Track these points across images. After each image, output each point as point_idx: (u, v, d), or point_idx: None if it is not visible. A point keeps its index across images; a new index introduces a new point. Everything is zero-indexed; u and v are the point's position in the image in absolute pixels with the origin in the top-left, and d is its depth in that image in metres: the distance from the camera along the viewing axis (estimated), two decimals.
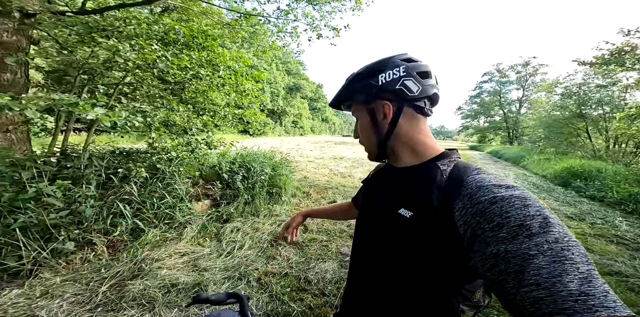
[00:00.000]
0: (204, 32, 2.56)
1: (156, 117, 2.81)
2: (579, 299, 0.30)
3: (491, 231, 0.39)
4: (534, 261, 0.34)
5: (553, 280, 0.32)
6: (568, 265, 0.33)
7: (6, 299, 1.59)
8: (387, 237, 0.54)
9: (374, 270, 0.57)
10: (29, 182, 2.09)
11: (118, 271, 1.92)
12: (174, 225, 2.61)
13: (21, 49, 2.71)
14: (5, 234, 1.84)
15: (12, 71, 2.65)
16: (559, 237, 0.35)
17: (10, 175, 2.08)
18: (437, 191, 0.49)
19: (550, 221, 0.37)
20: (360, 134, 0.66)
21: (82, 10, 2.54)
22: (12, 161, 2.18)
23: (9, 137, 2.66)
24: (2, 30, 2.59)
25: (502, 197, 0.41)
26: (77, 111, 2.10)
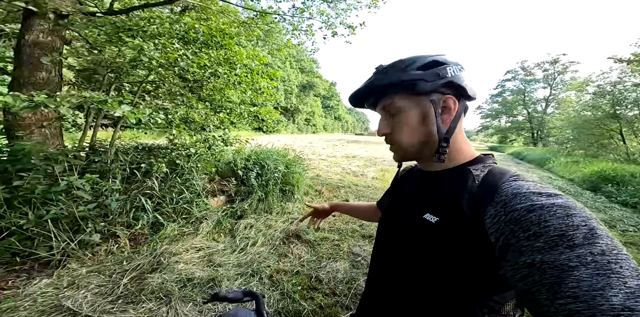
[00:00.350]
0: (221, 30, 2.61)
1: (177, 114, 2.91)
2: (622, 314, 0.28)
3: (527, 240, 0.37)
4: (573, 273, 0.32)
5: (594, 293, 0.30)
6: (614, 279, 0.30)
7: (36, 288, 1.69)
8: (410, 243, 0.54)
9: (395, 275, 0.56)
10: (61, 175, 2.21)
11: (139, 263, 2.00)
12: (191, 220, 2.69)
13: (55, 49, 2.88)
14: (38, 225, 1.95)
15: (47, 70, 2.81)
16: (606, 249, 0.33)
17: (44, 168, 2.19)
18: (468, 196, 0.47)
19: (597, 232, 0.34)
20: (399, 129, 0.56)
21: (110, 11, 2.66)
22: (45, 155, 2.32)
23: (44, 133, 2.83)
24: (39, 31, 2.75)
25: (541, 206, 0.38)
26: (106, 108, 2.21)
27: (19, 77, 2.66)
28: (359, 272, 2.15)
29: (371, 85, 0.57)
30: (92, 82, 3.67)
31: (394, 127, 0.57)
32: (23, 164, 2.16)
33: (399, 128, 0.56)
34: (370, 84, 0.57)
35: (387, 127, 0.59)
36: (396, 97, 0.56)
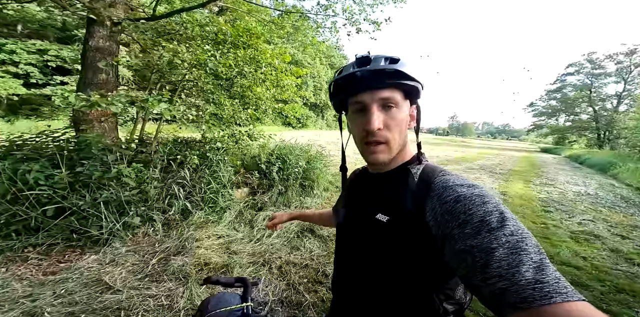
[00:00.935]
0: (248, 30, 2.75)
1: (207, 111, 3.15)
2: (536, 287, 0.33)
3: (458, 228, 0.42)
4: (495, 254, 0.37)
5: (512, 271, 0.35)
6: (524, 255, 0.36)
7: (85, 263, 1.98)
8: (367, 242, 0.57)
9: (357, 274, 0.60)
10: (113, 163, 2.51)
11: (167, 246, 2.24)
12: (216, 209, 2.92)
13: (112, 53, 3.28)
14: (92, 207, 2.26)
15: (106, 72, 3.22)
16: (514, 230, 0.39)
17: (100, 157, 2.52)
18: (410, 194, 0.52)
19: (506, 215, 0.41)
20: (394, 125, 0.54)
21: (152, 17, 2.93)
22: (103, 145, 2.67)
23: (103, 126, 3.28)
24: (99, 37, 3.15)
25: (464, 196, 0.44)
26: (147, 106, 2.49)
27: (85, 78, 3.10)
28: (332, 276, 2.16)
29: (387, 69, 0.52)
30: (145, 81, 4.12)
31: (387, 123, 0.54)
32: (85, 153, 2.52)
33: (393, 125, 0.54)
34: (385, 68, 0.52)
35: (382, 122, 0.53)
36: (396, 92, 0.54)
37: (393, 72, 0.52)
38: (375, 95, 0.53)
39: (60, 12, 9.00)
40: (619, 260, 2.73)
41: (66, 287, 1.72)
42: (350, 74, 0.54)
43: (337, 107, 0.63)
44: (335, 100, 0.61)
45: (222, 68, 2.77)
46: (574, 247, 2.99)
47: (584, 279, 2.30)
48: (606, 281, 2.26)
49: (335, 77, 0.58)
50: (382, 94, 0.53)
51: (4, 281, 1.73)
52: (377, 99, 0.53)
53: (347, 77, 0.55)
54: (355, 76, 0.53)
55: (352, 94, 0.55)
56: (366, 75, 0.52)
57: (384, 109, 0.54)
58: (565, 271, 2.42)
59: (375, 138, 0.54)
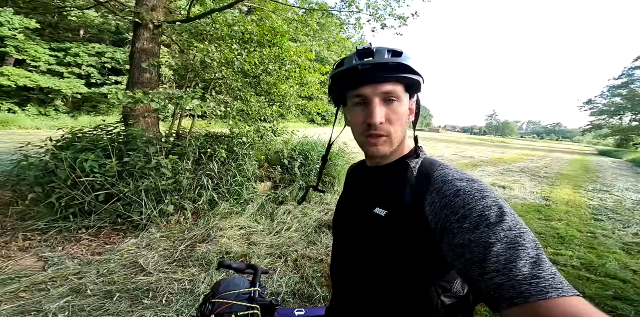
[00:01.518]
0: (273, 29, 2.82)
1: (234, 107, 3.31)
2: (532, 282, 0.33)
3: (457, 222, 0.42)
4: (493, 249, 0.37)
5: (510, 266, 0.35)
6: (521, 250, 0.36)
7: (125, 246, 2.19)
8: (365, 236, 0.57)
9: (355, 267, 0.60)
10: (153, 155, 2.73)
11: (194, 234, 2.41)
12: (240, 201, 3.07)
13: (155, 54, 3.57)
14: (135, 194, 2.50)
15: (150, 72, 3.52)
16: (512, 224, 0.39)
17: (143, 149, 2.75)
18: (409, 188, 0.52)
19: (504, 210, 0.41)
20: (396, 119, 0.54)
21: (186, 19, 3.13)
22: (146, 138, 2.94)
23: (146, 121, 3.61)
24: (143, 39, 3.45)
25: (464, 190, 0.44)
26: (182, 103, 2.69)
27: (132, 78, 3.44)
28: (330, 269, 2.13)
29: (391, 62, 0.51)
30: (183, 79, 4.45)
31: (389, 117, 0.54)
32: (131, 145, 2.78)
33: (395, 118, 0.54)
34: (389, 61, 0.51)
35: (384, 115, 0.53)
36: (398, 86, 0.53)
37: (396, 65, 0.51)
38: (378, 89, 0.52)
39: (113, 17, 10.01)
40: None
41: (108, 267, 1.92)
42: (353, 67, 0.52)
43: (336, 100, 0.62)
44: (334, 93, 0.60)
45: (248, 66, 2.88)
46: (624, 259, 2.68)
47: (631, 292, 2.07)
48: None
49: (335, 70, 0.57)
50: (385, 88, 0.52)
51: (60, 258, 1.98)
52: (379, 93, 0.52)
53: (348, 70, 0.54)
54: (357, 69, 0.52)
55: (353, 87, 0.54)
56: (369, 68, 0.52)
57: (385, 103, 0.53)
58: (608, 284, 2.19)
59: (377, 131, 0.53)
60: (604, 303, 1.93)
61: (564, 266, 2.46)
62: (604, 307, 1.89)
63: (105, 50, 12.76)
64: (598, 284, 2.19)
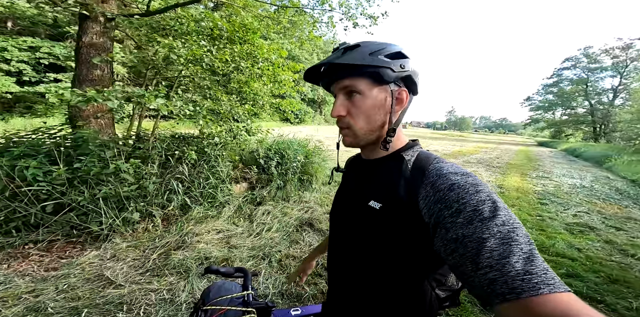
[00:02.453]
0: (244, 26, 2.72)
1: (204, 106, 3.13)
2: (525, 278, 0.33)
3: (451, 217, 0.41)
4: (486, 244, 0.37)
5: (503, 261, 0.35)
6: (514, 246, 0.36)
7: (86, 259, 1.99)
8: (359, 229, 0.57)
9: (351, 261, 0.60)
10: (111, 160, 2.50)
11: (167, 241, 2.25)
12: (215, 204, 2.93)
13: (107, 49, 3.24)
14: (92, 202, 2.26)
15: (101, 68, 3.19)
16: (506, 220, 0.39)
17: (98, 153, 2.50)
18: (403, 181, 0.51)
19: (498, 205, 0.41)
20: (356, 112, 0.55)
21: (147, 12, 2.89)
22: (100, 142, 2.66)
23: (99, 123, 3.26)
24: (92, 33, 3.10)
25: (458, 184, 0.44)
26: (144, 101, 2.47)
27: (79, 75, 3.07)
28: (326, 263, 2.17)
29: (335, 62, 0.54)
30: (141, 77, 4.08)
31: (350, 110, 0.56)
32: (82, 150, 2.50)
33: (356, 112, 0.55)
34: (333, 61, 0.54)
35: (343, 110, 0.56)
36: (358, 80, 0.54)
37: (342, 64, 0.54)
38: (338, 85, 0.56)
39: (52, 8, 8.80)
40: (613, 251, 2.78)
41: (68, 282, 1.73)
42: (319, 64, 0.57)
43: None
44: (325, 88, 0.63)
45: (219, 63, 2.74)
46: (568, 238, 3.04)
47: (579, 270, 2.34)
48: (600, 272, 2.31)
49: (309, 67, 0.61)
50: (343, 83, 0.55)
51: (6, 277, 1.74)
52: (340, 88, 0.56)
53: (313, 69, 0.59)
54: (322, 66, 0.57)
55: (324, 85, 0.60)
56: (327, 68, 0.57)
57: (349, 97, 0.56)
58: (560, 263, 2.46)
59: (339, 124, 0.58)
60: None
61: None
62: None
63: (41, 45, 11.19)
64: (552, 263, 2.43)
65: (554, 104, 31.22)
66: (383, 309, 0.54)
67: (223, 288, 0.92)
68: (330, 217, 0.72)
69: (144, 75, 3.46)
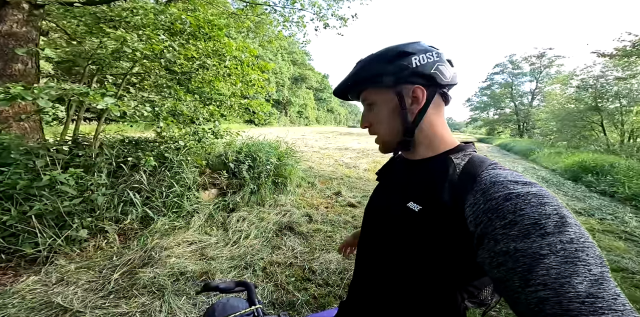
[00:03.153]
0: (210, 21, 2.52)
1: (164, 106, 2.82)
2: (586, 301, 0.29)
3: (502, 228, 0.37)
4: (544, 261, 0.33)
5: (562, 281, 0.31)
6: (580, 266, 0.32)
7: (24, 286, 1.66)
8: (395, 230, 0.54)
9: (380, 262, 0.58)
10: (43, 169, 2.13)
11: (129, 258, 1.98)
12: (182, 214, 2.67)
13: (31, 40, 2.73)
14: (22, 221, 1.90)
15: (24, 62, 2.69)
16: (575, 237, 0.34)
17: (25, 163, 2.12)
18: (449, 185, 0.48)
19: (567, 220, 0.36)
20: (376, 121, 0.59)
21: (90, 1, 2.52)
22: (25, 149, 2.22)
23: (22, 126, 2.72)
24: (12, 21, 2.60)
25: (517, 194, 0.39)
26: (88, 101, 2.13)
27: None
28: (352, 262, 2.20)
29: (351, 78, 0.60)
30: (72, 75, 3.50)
31: (371, 120, 0.60)
32: (3, 159, 2.08)
33: (376, 121, 0.59)
34: (350, 77, 0.60)
35: (367, 120, 0.61)
36: (369, 91, 0.59)
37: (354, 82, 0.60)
38: (360, 99, 0.63)
39: None
40: None
41: (7, 314, 1.43)
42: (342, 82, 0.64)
43: None
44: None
45: (182, 60, 2.49)
46: None
47: None
48: None
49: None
50: (362, 97, 0.61)
51: None
52: (362, 102, 0.62)
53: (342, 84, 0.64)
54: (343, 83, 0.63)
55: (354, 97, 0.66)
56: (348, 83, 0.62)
57: (370, 109, 0.60)
58: None
59: (370, 133, 0.63)
60: None
61: None
62: None
63: None
64: None
65: (488, 105, 35.78)
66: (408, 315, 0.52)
67: (228, 305, 0.83)
68: (364, 214, 0.68)
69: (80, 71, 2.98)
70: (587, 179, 6.46)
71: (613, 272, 2.36)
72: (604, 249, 2.84)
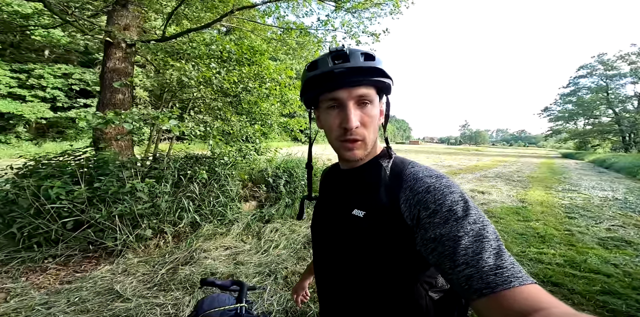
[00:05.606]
0: (252, 47, 2.90)
1: (214, 127, 3.28)
2: (497, 272, 0.35)
3: (429, 217, 0.44)
4: (461, 242, 0.39)
5: (477, 258, 0.37)
6: (485, 242, 0.38)
7: (99, 273, 2.05)
8: (345, 239, 0.56)
9: (338, 271, 0.59)
10: (128, 179, 2.61)
11: (176, 257, 2.28)
12: (224, 221, 2.96)
13: (128, 74, 3.48)
14: (108, 220, 2.36)
15: (123, 92, 3.42)
16: (476, 218, 0.41)
17: (116, 173, 2.63)
18: (383, 187, 0.52)
19: (469, 204, 0.43)
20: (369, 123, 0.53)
21: (163, 38, 3.15)
22: (119, 163, 2.81)
23: (119, 145, 3.45)
24: (115, 59, 3.37)
25: (434, 187, 0.47)
26: (158, 123, 2.62)
27: (103, 99, 3.32)
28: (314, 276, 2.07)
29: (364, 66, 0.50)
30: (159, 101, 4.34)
31: (363, 121, 0.52)
32: (103, 170, 2.65)
33: (369, 122, 0.53)
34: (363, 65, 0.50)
35: (360, 119, 0.52)
36: (371, 89, 0.53)
37: (370, 69, 0.51)
38: (353, 93, 0.51)
39: (82, 36, 9.57)
40: None
41: (80, 295, 1.78)
42: (328, 71, 0.51)
43: (308, 102, 0.60)
44: (308, 95, 0.57)
45: (227, 84, 2.91)
46: (602, 254, 2.79)
47: (617, 286, 2.12)
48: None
49: (308, 73, 0.54)
50: (359, 91, 0.51)
51: (23, 289, 1.81)
52: (354, 96, 0.51)
53: (323, 74, 0.52)
54: (333, 73, 0.50)
55: (328, 90, 0.52)
56: (343, 72, 0.50)
57: (359, 106, 0.52)
58: (594, 279, 2.26)
59: (353, 136, 0.52)
60: (594, 298, 1.96)
61: (549, 264, 2.52)
62: (595, 302, 1.92)
63: (73, 71, 12.13)
64: (585, 280, 2.25)
65: (575, 114, 30.06)
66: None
67: (217, 300, 0.92)
68: (312, 229, 0.70)
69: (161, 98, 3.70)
70: None
71: None
72: None
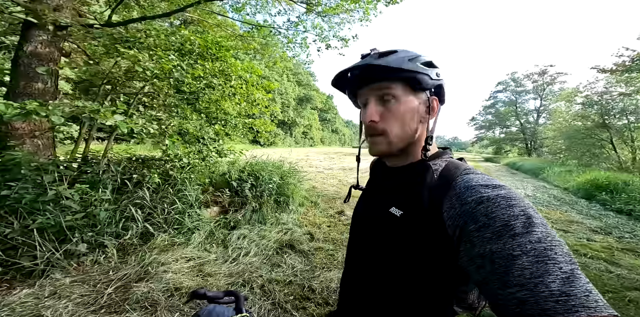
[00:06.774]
0: (217, 43, 2.70)
1: (171, 125, 2.93)
2: (560, 300, 0.30)
3: (477, 231, 0.39)
4: (517, 262, 0.34)
5: (535, 281, 0.32)
6: (551, 265, 0.33)
7: (15, 298, 1.64)
8: (379, 236, 0.54)
9: (368, 268, 0.57)
10: (50, 185, 2.17)
11: (125, 273, 1.95)
12: (182, 230, 2.64)
13: (53, 60, 2.91)
14: (23, 235, 1.92)
15: (44, 81, 2.84)
16: (542, 237, 0.35)
17: (33, 178, 2.17)
18: (427, 190, 0.49)
19: (533, 220, 0.37)
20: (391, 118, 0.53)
21: (109, 23, 2.73)
22: (36, 165, 2.29)
23: (36, 143, 2.81)
24: (37, 42, 2.78)
25: (488, 198, 0.41)
26: (98, 118, 2.22)
27: (15, 88, 2.67)
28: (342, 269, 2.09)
29: (373, 63, 0.51)
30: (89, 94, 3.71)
31: (384, 116, 0.53)
32: (13, 174, 2.14)
33: (391, 117, 0.53)
34: (372, 62, 0.51)
35: (377, 115, 0.53)
36: (394, 84, 0.52)
37: (381, 66, 0.51)
38: (372, 89, 0.54)
39: None
40: None
41: None
42: (342, 72, 0.56)
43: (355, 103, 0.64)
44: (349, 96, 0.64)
45: (189, 80, 2.64)
46: None
47: None
48: None
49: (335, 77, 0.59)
50: (378, 87, 0.53)
51: None
52: (374, 93, 0.54)
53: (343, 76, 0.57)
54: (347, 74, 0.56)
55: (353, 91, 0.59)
56: (357, 72, 0.55)
57: (382, 102, 0.54)
58: None
59: (370, 131, 0.55)
60: None
61: None
62: None
63: None
64: None
65: (493, 124, 35.65)
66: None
67: (214, 313, 0.79)
68: (352, 221, 0.69)
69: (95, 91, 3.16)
70: (601, 197, 6.21)
71: (634, 291, 2.18)
72: (625, 267, 2.65)
